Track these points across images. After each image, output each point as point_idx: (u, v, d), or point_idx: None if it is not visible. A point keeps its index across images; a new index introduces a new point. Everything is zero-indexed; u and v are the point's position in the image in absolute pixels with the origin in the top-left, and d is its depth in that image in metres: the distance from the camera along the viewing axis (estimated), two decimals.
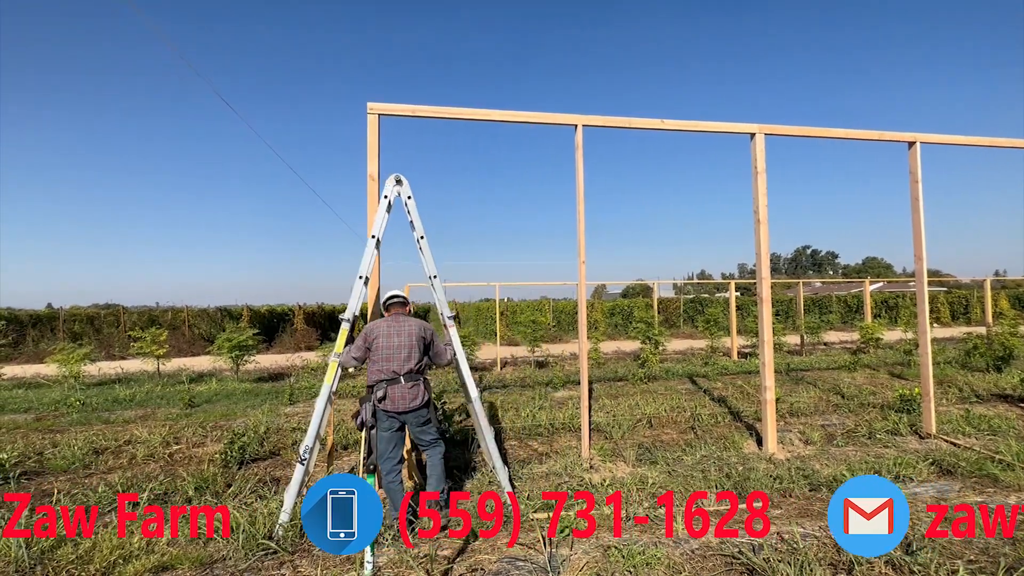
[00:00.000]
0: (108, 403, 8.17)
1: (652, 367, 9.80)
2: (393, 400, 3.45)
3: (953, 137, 5.63)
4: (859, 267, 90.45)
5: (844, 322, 25.54)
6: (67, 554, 3.02)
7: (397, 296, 3.86)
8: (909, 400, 5.97)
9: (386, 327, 3.62)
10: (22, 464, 4.83)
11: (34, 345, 17.93)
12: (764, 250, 4.92)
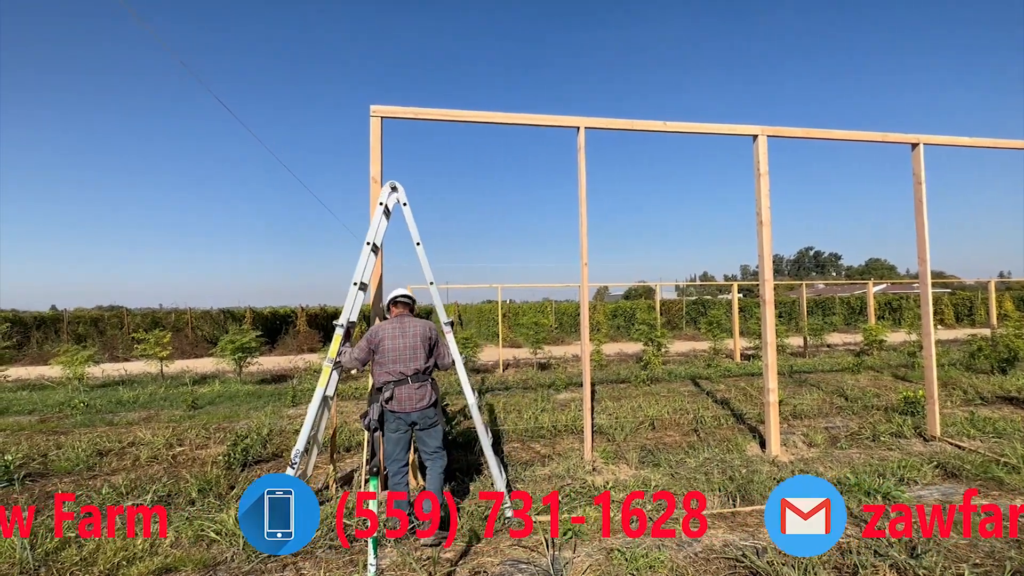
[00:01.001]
0: (112, 405, 8.20)
1: (655, 369, 9.79)
2: (400, 401, 3.42)
3: (956, 138, 5.62)
4: (862, 268, 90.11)
5: (847, 324, 25.47)
6: (71, 556, 3.03)
7: (403, 296, 3.77)
8: (913, 402, 5.95)
9: (391, 328, 3.57)
10: (27, 466, 4.85)
11: (38, 347, 18.01)
12: (767, 252, 4.91)
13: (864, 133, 5.30)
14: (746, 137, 5.03)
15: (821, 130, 5.20)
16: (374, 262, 4.01)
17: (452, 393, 7.89)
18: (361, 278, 3.87)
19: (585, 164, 4.69)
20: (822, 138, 5.23)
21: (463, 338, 11.94)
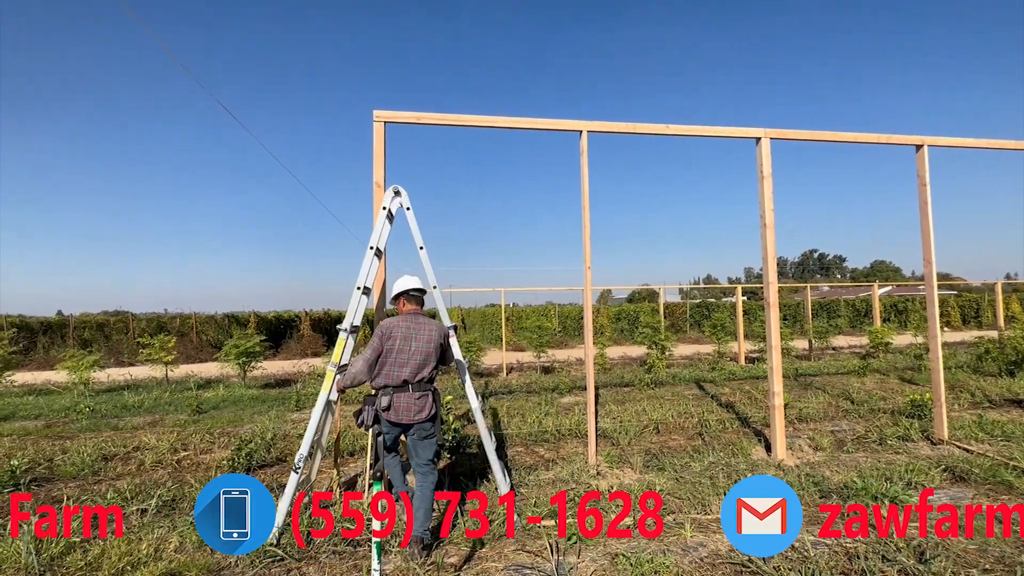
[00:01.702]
0: (117, 410, 8.22)
1: (659, 372, 9.75)
2: (398, 411, 3.22)
3: (961, 140, 5.59)
4: (867, 271, 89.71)
5: (853, 326, 25.33)
6: (76, 560, 3.03)
7: (415, 289, 3.52)
8: (920, 405, 5.90)
9: (404, 328, 3.32)
10: (32, 471, 4.87)
11: (44, 352, 18.13)
12: (771, 254, 4.89)
13: (868, 135, 5.29)
14: (749, 139, 5.02)
15: (825, 132, 5.19)
16: (378, 266, 4.02)
17: (456, 397, 7.88)
18: (365, 282, 3.88)
19: (588, 168, 4.70)
20: (826, 140, 5.22)
21: (466, 342, 11.94)
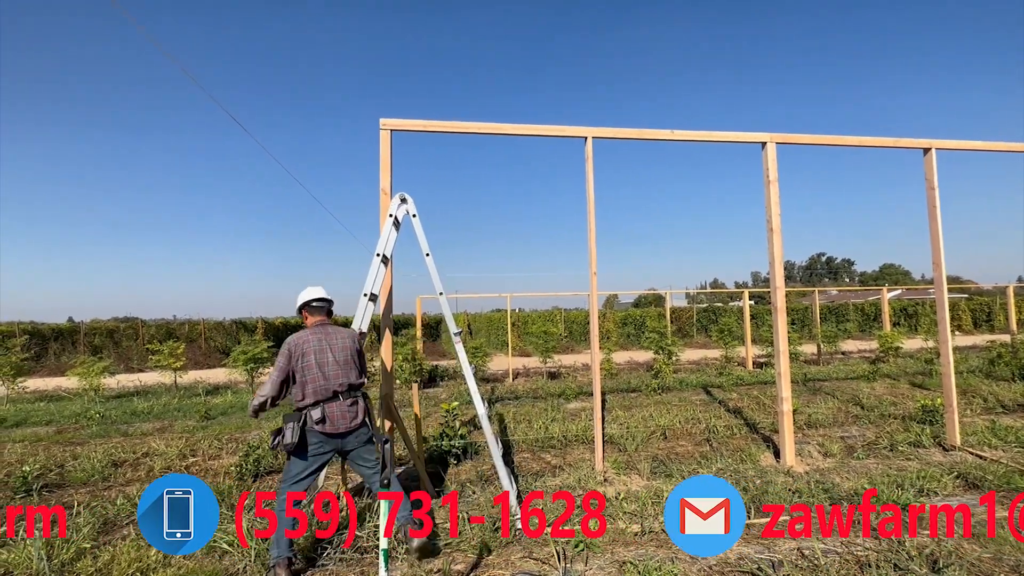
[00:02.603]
0: (127, 416, 8.30)
1: (665, 378, 9.69)
2: (333, 420, 3.08)
3: (969, 143, 5.55)
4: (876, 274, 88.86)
5: (862, 330, 25.09)
6: (86, 566, 3.06)
7: (319, 300, 3.41)
8: (931, 411, 5.83)
9: (315, 340, 3.23)
10: (44, 476, 4.92)
11: (56, 358, 18.33)
12: (778, 259, 4.87)
13: (874, 139, 5.26)
14: (755, 144, 5.02)
15: (831, 136, 5.17)
16: (384, 273, 4.04)
17: (462, 403, 7.88)
18: (372, 289, 3.91)
19: (593, 173, 4.70)
20: (832, 144, 5.20)
21: (473, 347, 11.94)
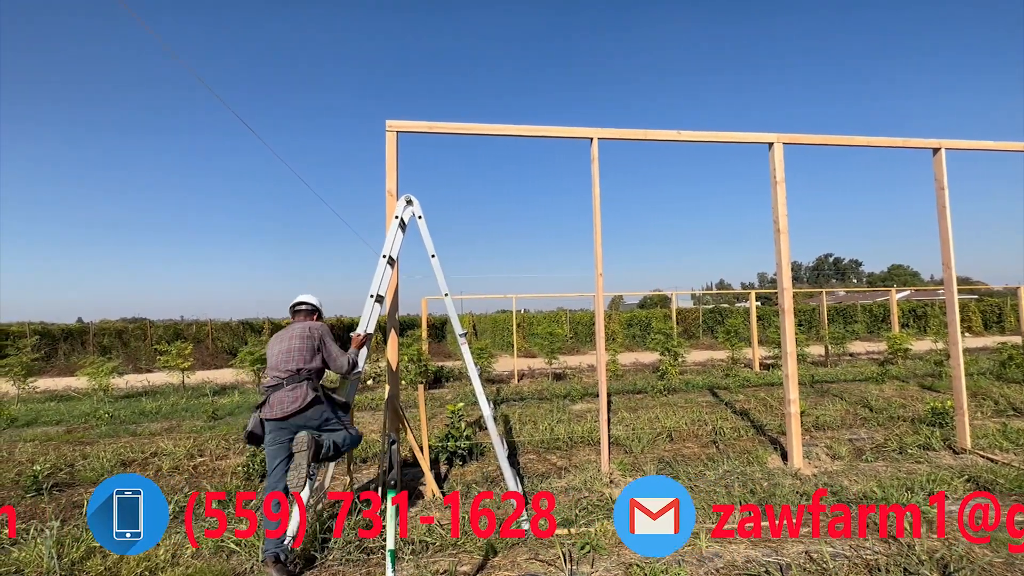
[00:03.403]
0: (135, 416, 8.37)
1: (671, 379, 9.66)
2: (272, 406, 3.15)
3: (979, 142, 5.49)
4: (884, 275, 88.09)
5: (870, 332, 24.89)
6: (96, 565, 3.09)
7: (301, 303, 3.61)
8: (941, 413, 5.77)
9: (277, 336, 3.43)
10: (54, 475, 4.97)
11: (65, 359, 18.52)
12: (785, 260, 4.84)
13: (883, 139, 5.22)
14: (762, 145, 4.99)
15: (839, 136, 5.13)
16: (390, 274, 4.06)
17: (467, 404, 7.88)
18: (378, 290, 3.92)
19: (599, 174, 4.70)
20: (840, 145, 5.16)
21: (478, 348, 11.95)
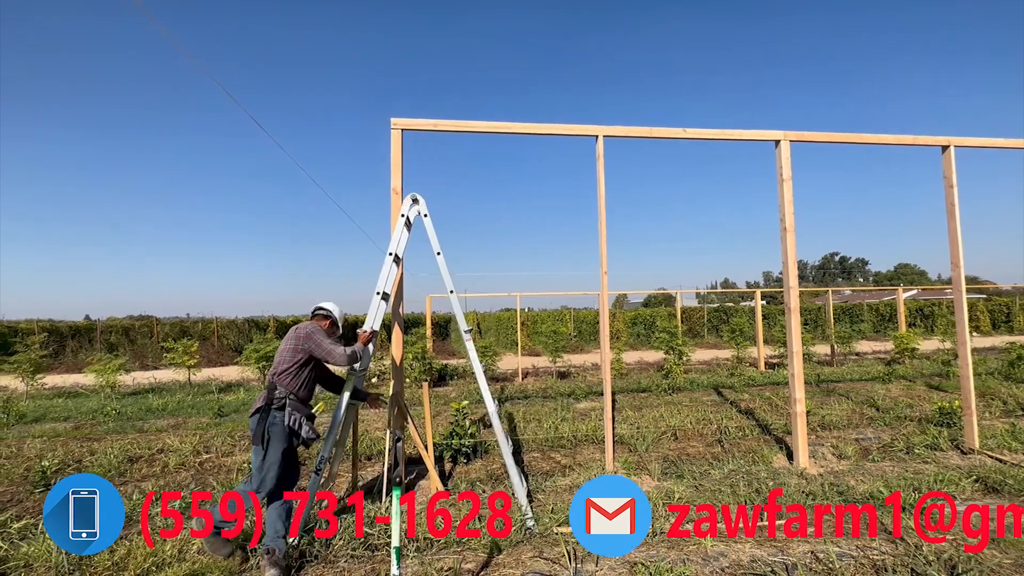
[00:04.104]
0: (142, 412, 8.42)
1: (676, 378, 9.62)
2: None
3: (989, 140, 5.44)
4: (891, 274, 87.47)
5: (876, 331, 24.73)
6: (103, 560, 3.11)
7: (318, 309, 3.78)
8: (949, 413, 5.72)
9: None
10: (62, 471, 5.01)
11: (73, 356, 18.68)
12: (791, 259, 4.81)
13: (891, 136, 5.18)
14: (768, 142, 4.96)
15: (846, 134, 5.09)
16: (396, 272, 4.06)
17: (472, 402, 7.89)
18: (384, 288, 3.92)
19: (604, 173, 4.68)
20: (847, 142, 5.12)
21: (482, 346, 11.96)
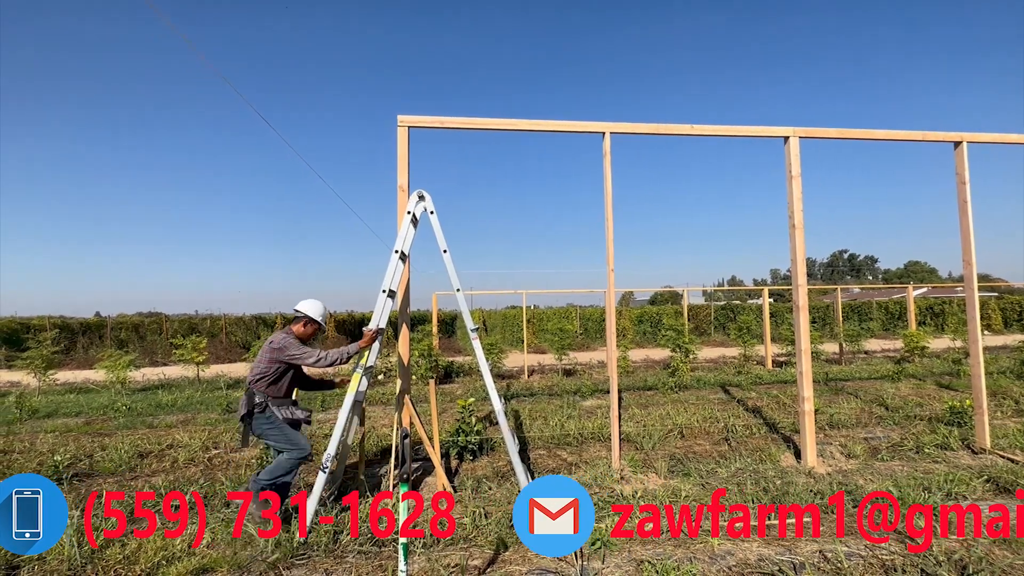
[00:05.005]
0: (152, 408, 8.51)
1: (683, 376, 9.59)
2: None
3: (1002, 136, 5.36)
4: (900, 272, 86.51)
5: (886, 329, 24.52)
6: (115, 554, 3.15)
7: (296, 312, 3.96)
8: (960, 412, 5.66)
9: None
10: (74, 466, 5.08)
11: (84, 352, 18.88)
12: (800, 256, 4.77)
13: (903, 132, 5.11)
14: (777, 139, 4.91)
15: (857, 130, 5.03)
16: (402, 270, 4.07)
17: (478, 399, 7.90)
18: (390, 286, 3.93)
19: (611, 170, 4.66)
20: (857, 138, 5.06)
21: (488, 344, 11.97)
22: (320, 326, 4.00)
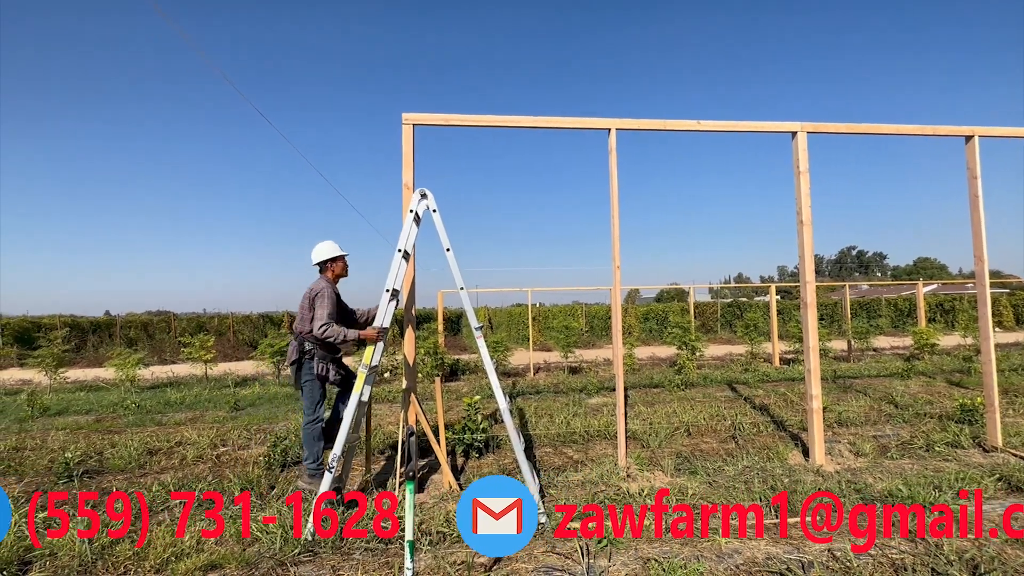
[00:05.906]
0: (160, 406, 8.59)
1: (689, 373, 9.55)
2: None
3: (1014, 130, 5.26)
4: (910, 268, 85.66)
5: (895, 327, 24.27)
6: (125, 551, 3.18)
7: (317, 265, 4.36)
8: (971, 410, 5.59)
9: None
10: (84, 463, 5.13)
11: (94, 350, 19.09)
12: (808, 253, 4.72)
13: (913, 127, 5.05)
14: (785, 134, 4.87)
15: (866, 125, 4.97)
16: (406, 268, 4.07)
17: (484, 397, 7.91)
18: (394, 285, 3.93)
19: (617, 166, 4.64)
20: (867, 133, 5.01)
21: (494, 342, 11.98)
22: (342, 258, 4.45)
